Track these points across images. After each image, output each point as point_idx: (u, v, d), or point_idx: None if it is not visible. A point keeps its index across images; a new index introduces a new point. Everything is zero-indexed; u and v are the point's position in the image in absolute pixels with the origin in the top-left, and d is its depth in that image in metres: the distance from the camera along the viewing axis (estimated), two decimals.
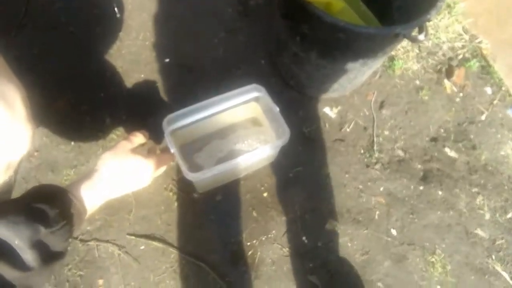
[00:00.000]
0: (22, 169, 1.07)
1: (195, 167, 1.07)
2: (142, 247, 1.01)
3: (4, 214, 0.46)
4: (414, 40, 0.87)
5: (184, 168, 0.87)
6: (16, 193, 0.66)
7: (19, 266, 0.46)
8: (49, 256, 0.50)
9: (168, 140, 0.89)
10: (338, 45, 0.91)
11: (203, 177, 0.89)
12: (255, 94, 0.98)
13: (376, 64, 1.06)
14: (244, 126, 1.13)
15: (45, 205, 0.51)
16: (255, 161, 1.04)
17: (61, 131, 1.12)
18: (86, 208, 0.62)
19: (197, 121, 1.04)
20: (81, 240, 1.01)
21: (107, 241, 1.01)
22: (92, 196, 0.64)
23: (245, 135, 1.12)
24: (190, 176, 0.87)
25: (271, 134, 1.10)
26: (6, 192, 0.70)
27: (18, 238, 0.46)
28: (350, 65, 0.99)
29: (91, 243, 1.01)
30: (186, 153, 1.08)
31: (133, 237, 1.01)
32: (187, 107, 0.93)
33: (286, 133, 0.93)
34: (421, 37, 0.88)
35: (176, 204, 1.06)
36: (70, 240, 0.56)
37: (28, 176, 1.07)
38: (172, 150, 0.88)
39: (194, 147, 1.09)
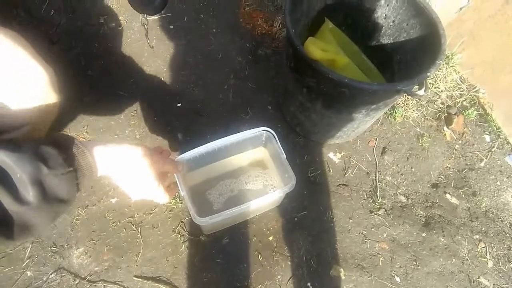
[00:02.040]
0: None
1: (206, 204, 1.10)
2: None
3: (14, 148, 0.48)
4: (414, 95, 0.92)
5: (192, 212, 0.90)
6: None
7: (19, 199, 0.47)
8: (50, 197, 0.50)
9: (178, 183, 0.92)
10: (342, 98, 0.97)
11: (211, 222, 0.92)
12: (264, 138, 1.03)
13: (378, 114, 1.11)
14: (253, 168, 1.17)
15: (53, 149, 0.52)
16: (262, 205, 1.07)
17: None
18: (96, 164, 0.59)
19: (208, 162, 1.09)
20: (89, 281, 1.02)
21: (114, 283, 1.02)
22: (106, 157, 0.60)
23: (254, 177, 1.16)
24: (198, 220, 0.90)
25: (277, 178, 1.14)
26: None
27: (20, 171, 0.47)
28: (354, 116, 1.05)
29: (99, 284, 1.02)
30: (198, 192, 1.11)
31: (140, 280, 1.03)
32: (198, 147, 0.98)
33: (292, 180, 0.97)
34: (421, 92, 0.94)
35: (183, 246, 1.08)
36: (77, 190, 0.55)
37: None
38: (183, 193, 0.91)
39: (206, 186, 1.13)
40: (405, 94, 0.93)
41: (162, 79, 1.37)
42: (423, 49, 1.07)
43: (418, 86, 0.95)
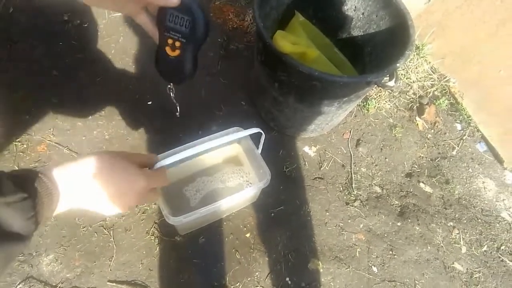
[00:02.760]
0: None
1: (183, 202, 1.08)
2: None
3: None
4: (385, 86, 0.92)
5: (165, 212, 0.88)
6: None
7: None
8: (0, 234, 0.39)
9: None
10: (314, 91, 0.96)
11: (185, 221, 0.90)
12: (236, 136, 1.01)
13: (351, 107, 1.11)
14: (228, 165, 1.15)
15: (1, 175, 0.42)
16: (238, 202, 1.05)
17: None
18: (58, 189, 0.48)
19: (182, 160, 1.06)
20: None
21: None
22: (69, 178, 0.49)
23: (229, 174, 1.14)
24: (172, 220, 0.88)
25: (253, 174, 1.12)
26: None
27: None
28: (326, 109, 1.04)
29: None
30: (175, 189, 1.09)
31: (114, 284, 0.99)
32: (172, 149, 0.95)
33: (267, 175, 0.95)
34: (391, 83, 0.94)
35: (158, 248, 1.05)
36: (35, 222, 0.43)
37: None
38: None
39: (182, 183, 1.10)
40: (377, 85, 0.93)
41: (131, 77, 1.33)
42: (392, 40, 1.08)
43: (389, 77, 0.95)
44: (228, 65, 1.41)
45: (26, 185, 0.43)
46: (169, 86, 0.71)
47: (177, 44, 0.52)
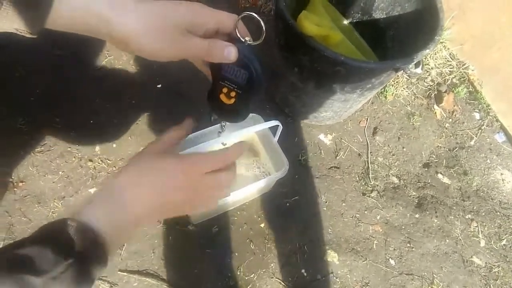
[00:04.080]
0: (5, 202, 1.01)
1: None
2: (135, 284, 0.97)
3: None
4: (412, 73, 0.87)
5: None
6: None
7: None
8: None
9: None
10: (337, 77, 0.91)
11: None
12: (254, 129, 0.96)
13: (372, 94, 1.06)
14: (244, 154, 1.10)
15: (33, 247, 0.35)
16: (253, 191, 1.02)
17: (47, 160, 1.07)
18: (104, 234, 0.40)
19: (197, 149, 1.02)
20: None
21: (98, 278, 0.96)
22: (113, 215, 0.42)
23: (244, 162, 1.10)
24: None
25: (268, 163, 1.08)
26: None
27: None
28: (348, 96, 0.99)
29: None
30: None
31: (125, 274, 0.96)
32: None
33: (285, 165, 0.91)
34: (418, 70, 0.89)
35: (170, 237, 1.02)
36: (88, 282, 0.38)
37: (12, 209, 1.01)
38: None
39: None
40: (403, 72, 0.88)
41: (139, 58, 1.27)
42: (418, 24, 1.02)
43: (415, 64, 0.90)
44: None
45: (69, 245, 0.37)
46: (221, 124, 0.64)
47: (232, 94, 0.47)
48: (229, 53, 0.42)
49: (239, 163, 1.09)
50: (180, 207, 0.47)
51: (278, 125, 0.91)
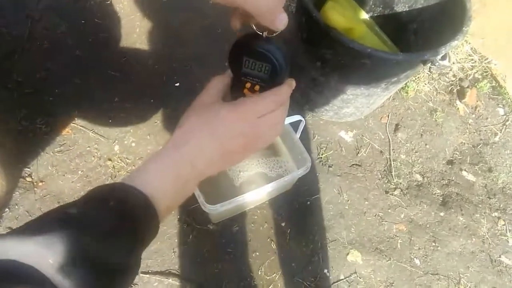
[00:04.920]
0: (26, 201, 1.01)
1: (227, 180, 1.03)
2: (156, 284, 0.95)
3: (33, 231, 0.31)
4: (440, 66, 0.84)
5: (201, 200, 0.82)
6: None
7: None
8: (104, 272, 0.32)
9: None
10: (362, 71, 0.88)
11: (222, 209, 0.85)
12: None
13: (396, 88, 1.04)
14: (263, 152, 1.09)
15: (84, 207, 0.35)
16: (274, 190, 0.99)
17: (66, 160, 1.07)
18: (157, 196, 0.37)
19: None
20: None
21: None
22: (167, 169, 0.39)
23: (265, 160, 1.08)
24: (208, 208, 0.82)
25: (290, 160, 1.06)
26: None
27: (52, 256, 0.29)
28: (372, 90, 0.97)
29: None
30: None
31: (146, 275, 0.95)
32: None
33: (307, 162, 0.89)
34: (446, 62, 0.86)
35: (190, 236, 1.01)
36: (140, 247, 0.36)
37: (33, 209, 1.01)
38: None
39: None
40: (431, 65, 0.85)
41: (157, 57, 1.26)
42: (443, 16, 0.99)
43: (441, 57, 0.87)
44: None
45: (118, 204, 0.35)
46: None
47: (256, 88, 0.45)
48: (282, 20, 0.40)
49: (260, 162, 1.07)
50: (239, 154, 0.46)
51: (301, 120, 0.89)
